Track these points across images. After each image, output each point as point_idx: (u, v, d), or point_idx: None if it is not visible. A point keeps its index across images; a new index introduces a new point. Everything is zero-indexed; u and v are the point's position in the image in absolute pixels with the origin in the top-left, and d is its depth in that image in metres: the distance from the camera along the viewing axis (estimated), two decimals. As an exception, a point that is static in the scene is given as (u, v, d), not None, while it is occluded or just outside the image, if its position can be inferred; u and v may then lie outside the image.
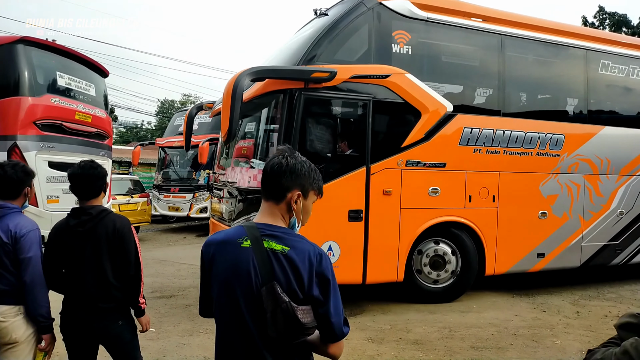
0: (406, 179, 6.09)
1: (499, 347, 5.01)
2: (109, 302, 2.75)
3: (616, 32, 26.27)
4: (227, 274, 1.68)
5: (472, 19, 6.59)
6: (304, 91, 5.47)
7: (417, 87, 6.08)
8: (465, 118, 6.45)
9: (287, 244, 1.66)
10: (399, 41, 6.03)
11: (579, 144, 7.22)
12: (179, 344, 4.90)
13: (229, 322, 1.69)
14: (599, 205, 7.48)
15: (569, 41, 7.26)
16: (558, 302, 6.85)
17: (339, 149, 5.97)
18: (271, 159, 1.77)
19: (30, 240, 2.72)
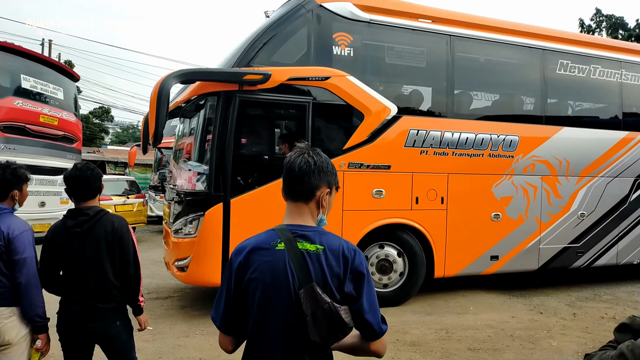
0: (349, 181, 6.05)
1: (496, 348, 5.01)
2: (108, 302, 2.76)
3: (613, 34, 25.90)
4: (264, 279, 1.62)
5: (420, 20, 6.54)
6: (238, 93, 5.46)
7: (359, 89, 6.04)
8: (412, 120, 6.39)
9: (321, 243, 1.64)
10: (340, 43, 5.99)
11: (535, 145, 7.10)
12: (175, 345, 4.90)
13: (266, 327, 1.62)
14: (557, 207, 7.36)
15: (524, 41, 7.15)
16: (555, 303, 6.83)
17: (280, 151, 5.96)
18: (293, 159, 1.71)
19: (23, 241, 2.70)
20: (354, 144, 6.06)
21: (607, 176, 7.67)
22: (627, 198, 7.90)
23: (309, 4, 5.92)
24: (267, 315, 1.62)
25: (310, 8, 5.91)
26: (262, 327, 1.63)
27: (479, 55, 7.01)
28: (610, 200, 7.75)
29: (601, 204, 7.66)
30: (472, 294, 7.10)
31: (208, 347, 4.84)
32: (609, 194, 7.72)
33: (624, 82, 7.88)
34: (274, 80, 5.53)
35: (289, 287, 1.60)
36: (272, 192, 5.64)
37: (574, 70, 7.47)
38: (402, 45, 6.41)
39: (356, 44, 6.11)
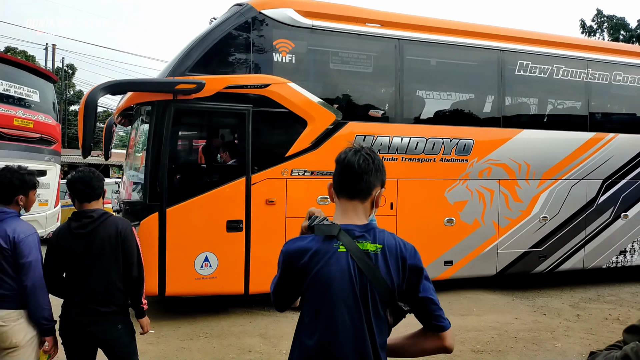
0: (292, 188, 6.02)
1: (500, 350, 4.98)
2: (110, 305, 2.77)
3: (614, 35, 25.25)
4: (328, 281, 1.63)
5: (368, 25, 6.45)
6: (174, 103, 5.47)
7: (301, 95, 5.99)
8: (358, 125, 6.31)
9: (380, 242, 1.66)
10: (281, 50, 5.95)
11: (491, 149, 6.96)
12: (179, 348, 4.92)
13: (335, 328, 1.63)
14: (517, 211, 7.20)
15: (479, 42, 6.99)
16: (558, 304, 6.76)
17: (220, 159, 5.96)
18: (350, 156, 1.72)
19: (29, 244, 2.73)
20: (297, 150, 6.02)
21: (572, 179, 7.48)
22: (595, 201, 7.69)
23: (248, 11, 5.89)
24: (334, 317, 1.63)
25: (249, 15, 5.88)
26: (331, 327, 1.63)
27: (430, 58, 6.89)
28: (575, 204, 7.55)
29: (565, 208, 7.47)
30: (475, 296, 7.04)
31: (212, 350, 4.87)
32: (574, 197, 7.52)
33: (591, 81, 7.66)
34: (209, 89, 5.52)
35: (353, 288, 1.61)
36: (210, 200, 5.66)
37: (534, 70, 7.28)
38: (348, 51, 6.33)
39: (298, 50, 6.06)
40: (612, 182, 7.78)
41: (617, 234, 7.86)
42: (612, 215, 7.81)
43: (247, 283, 5.87)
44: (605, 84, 7.79)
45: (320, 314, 1.65)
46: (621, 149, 7.80)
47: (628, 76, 7.92)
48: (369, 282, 1.62)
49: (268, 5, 5.97)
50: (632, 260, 8.03)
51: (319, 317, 1.66)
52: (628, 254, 7.99)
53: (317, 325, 1.66)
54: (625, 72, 7.90)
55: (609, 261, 7.88)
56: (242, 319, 5.87)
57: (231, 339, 5.20)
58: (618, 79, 7.85)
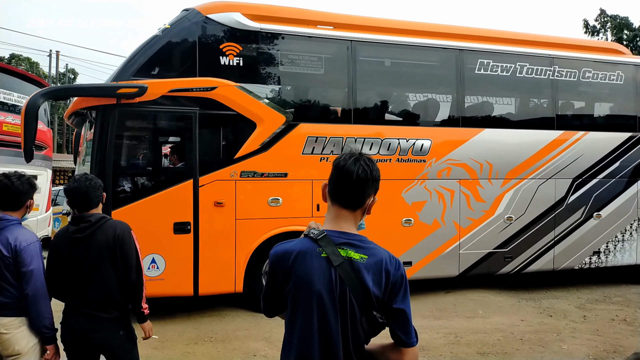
0: (241, 190, 6.02)
1: (506, 352, 4.95)
2: (111, 310, 2.75)
3: (617, 35, 24.71)
4: (308, 280, 1.65)
5: (319, 27, 6.44)
6: (118, 107, 5.53)
7: (249, 98, 6.00)
8: (309, 127, 6.28)
9: (365, 253, 1.66)
10: (229, 53, 5.98)
11: (450, 149, 6.84)
12: (183, 352, 4.90)
13: (310, 329, 1.66)
14: (479, 212, 7.05)
15: (436, 42, 6.90)
16: (564, 306, 6.69)
17: (170, 161, 6.01)
18: (349, 165, 1.67)
19: (30, 252, 2.72)
20: (246, 152, 6.01)
21: (538, 178, 7.30)
22: (564, 200, 7.49)
23: (194, 16, 5.94)
24: (310, 317, 1.65)
25: (195, 20, 5.93)
26: (308, 328, 1.66)
27: (385, 59, 6.83)
28: (543, 203, 7.36)
29: (532, 207, 7.29)
30: (481, 297, 6.97)
31: (217, 354, 4.86)
32: (542, 196, 7.33)
33: (557, 79, 7.49)
34: (152, 93, 5.57)
35: (333, 294, 1.63)
36: (156, 203, 5.69)
37: (496, 69, 7.15)
38: (298, 53, 6.32)
39: (247, 53, 6.07)
40: (583, 181, 7.56)
41: (590, 234, 7.63)
42: (583, 215, 7.59)
43: (197, 284, 5.87)
44: (574, 81, 7.60)
45: (298, 313, 1.68)
46: (592, 148, 7.58)
47: (598, 73, 7.72)
48: (348, 288, 1.63)
49: (215, 9, 6.01)
50: (607, 261, 7.78)
51: (297, 316, 1.68)
52: (602, 254, 7.74)
53: (295, 323, 1.69)
54: (595, 69, 7.69)
55: (582, 262, 7.64)
56: (247, 323, 5.85)
57: (236, 343, 5.17)
58: (587, 76, 7.66)
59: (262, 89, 6.15)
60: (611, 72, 7.79)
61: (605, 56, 7.85)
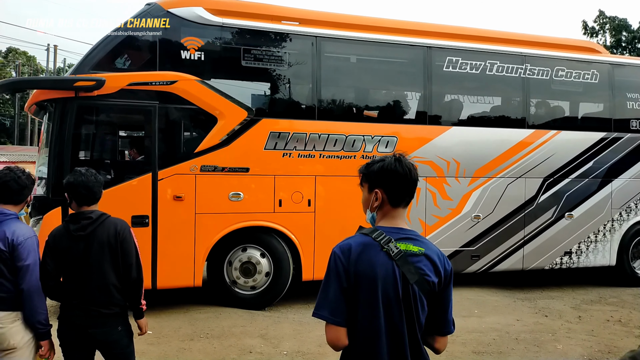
0: (201, 184, 5.97)
1: (501, 352, 4.95)
2: (111, 307, 2.75)
3: (616, 36, 24.39)
4: (373, 276, 1.75)
5: (284, 22, 6.39)
6: (76, 100, 5.51)
7: (210, 92, 5.95)
8: (272, 122, 6.22)
9: (422, 246, 1.82)
10: (190, 47, 5.93)
11: (416, 146, 6.74)
12: (179, 348, 4.85)
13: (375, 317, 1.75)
14: (446, 209, 6.96)
15: (404, 39, 6.82)
16: (560, 306, 6.68)
17: (129, 155, 5.98)
18: (412, 169, 1.85)
19: (27, 247, 2.71)
20: (206, 147, 5.96)
21: (507, 177, 7.19)
22: (535, 199, 7.37)
23: (156, 10, 5.90)
24: (375, 308, 1.74)
25: (156, 14, 5.90)
26: (371, 318, 1.75)
27: (350, 55, 6.76)
28: (512, 202, 7.24)
29: (501, 206, 7.18)
30: (476, 297, 6.94)
31: (212, 351, 4.81)
32: (511, 195, 7.22)
33: (529, 77, 7.38)
34: (111, 86, 5.54)
35: (395, 283, 1.74)
36: (114, 195, 5.65)
37: (465, 67, 7.05)
38: (261, 48, 6.25)
39: (208, 47, 6.02)
40: (555, 181, 7.44)
41: (561, 234, 7.50)
42: (554, 215, 7.47)
43: (155, 278, 5.82)
44: (546, 80, 7.48)
45: (360, 303, 1.76)
46: (564, 147, 7.46)
47: (572, 72, 7.59)
48: (409, 278, 1.74)
49: (177, 4, 5.97)
50: (579, 261, 7.65)
51: (359, 305, 1.76)
52: (574, 255, 7.61)
53: (357, 313, 1.77)
54: (568, 68, 7.57)
55: (553, 262, 7.52)
56: (243, 319, 5.80)
57: (232, 339, 5.12)
58: (560, 75, 7.54)
59: (224, 84, 6.09)
60: (585, 71, 7.66)
61: (579, 55, 7.73)
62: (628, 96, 7.91)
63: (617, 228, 7.82)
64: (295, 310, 6.30)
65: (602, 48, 8.11)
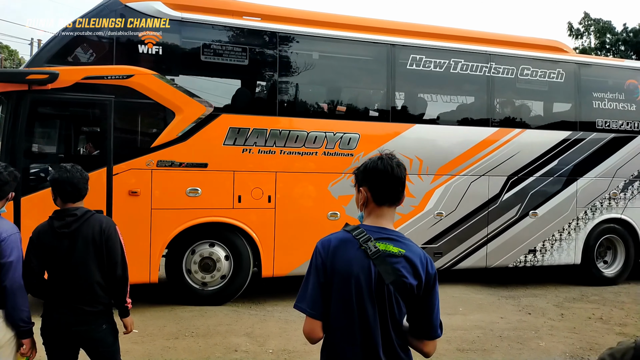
0: (158, 179, 5.92)
1: (485, 349, 4.99)
2: (95, 305, 2.72)
3: (601, 38, 24.61)
4: (348, 268, 1.75)
5: (245, 18, 6.36)
6: (30, 93, 5.44)
7: (167, 87, 5.90)
8: (232, 118, 6.18)
9: (403, 247, 1.79)
10: (147, 42, 5.88)
11: (379, 143, 6.71)
12: (164, 347, 4.82)
13: (349, 310, 1.76)
14: (408, 207, 6.95)
15: (366, 36, 6.79)
16: (543, 304, 6.76)
17: (85, 149, 5.93)
18: (395, 168, 1.82)
19: (10, 244, 2.63)
20: (163, 142, 5.91)
21: (471, 175, 7.20)
22: (498, 198, 7.38)
23: (113, 4, 5.85)
24: (348, 305, 1.75)
25: (114, 8, 5.85)
26: (344, 315, 1.76)
27: (312, 52, 6.73)
28: (475, 200, 7.25)
29: (464, 204, 7.18)
30: (461, 295, 6.99)
31: (198, 349, 4.77)
32: (474, 193, 7.22)
33: (494, 75, 7.38)
34: (65, 80, 5.47)
35: (370, 281, 1.73)
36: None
37: (429, 65, 7.05)
38: (222, 43, 6.21)
39: (167, 42, 5.98)
40: (519, 179, 7.46)
41: (525, 232, 7.52)
42: (518, 213, 7.48)
43: (110, 273, 5.78)
44: (511, 78, 7.49)
45: (335, 294, 1.77)
46: (529, 145, 7.48)
47: (537, 70, 7.61)
48: (385, 278, 1.73)
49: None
50: (544, 259, 7.67)
51: (334, 298, 1.77)
52: (538, 253, 7.63)
53: (332, 306, 1.78)
54: (534, 67, 7.58)
55: (517, 260, 7.54)
56: (229, 318, 5.77)
57: (217, 338, 5.09)
58: (526, 74, 7.55)
59: (182, 79, 6.05)
60: (551, 70, 7.68)
61: (545, 54, 7.75)
62: (594, 96, 7.94)
63: (583, 227, 7.85)
64: (281, 307, 6.26)
65: (569, 47, 8.13)
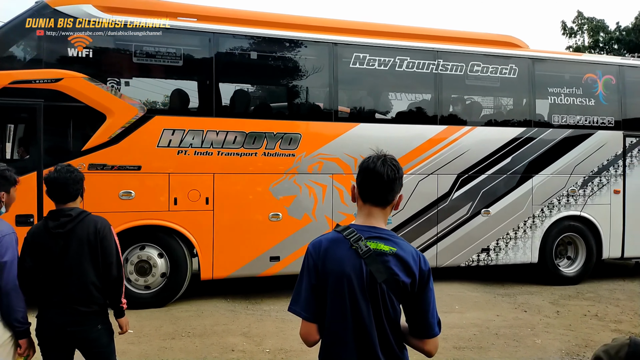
0: (89, 182, 5.70)
1: (481, 347, 5.01)
2: (90, 305, 2.71)
3: (594, 37, 24.32)
4: (340, 268, 1.74)
5: (180, 19, 6.30)
6: (-45, 98, 5.44)
7: (98, 89, 5.85)
8: (166, 119, 6.12)
9: (394, 245, 1.77)
10: (77, 45, 5.84)
11: (322, 143, 6.63)
12: (160, 347, 4.81)
13: (342, 311, 1.75)
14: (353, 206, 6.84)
15: (307, 36, 6.71)
16: (538, 301, 6.76)
17: (18, 154, 5.89)
18: (378, 165, 1.79)
19: (5, 244, 2.61)
20: (94, 145, 5.85)
21: (419, 173, 7.07)
22: (448, 196, 7.25)
23: (43, 8, 5.80)
24: (342, 305, 1.74)
25: (43, 12, 5.80)
26: (338, 315, 1.75)
27: (251, 52, 6.65)
28: (424, 199, 7.12)
29: (412, 203, 7.04)
30: (457, 293, 6.98)
31: (194, 349, 4.77)
32: (423, 192, 7.10)
33: (442, 73, 7.26)
34: (-10, 84, 5.47)
35: (362, 280, 1.72)
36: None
37: (373, 63, 6.96)
38: (155, 45, 6.14)
39: (97, 45, 5.94)
40: (470, 177, 7.32)
41: (477, 231, 7.38)
42: (470, 212, 7.34)
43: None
44: (460, 75, 7.36)
45: (329, 295, 1.76)
46: (480, 143, 7.35)
47: (488, 67, 7.48)
48: (377, 277, 1.71)
49: (64, 1, 5.87)
50: (499, 258, 7.51)
51: (328, 299, 1.76)
52: (492, 252, 7.48)
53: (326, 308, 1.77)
54: (485, 63, 7.45)
55: (469, 259, 7.39)
56: (225, 317, 5.75)
57: (214, 338, 5.08)
58: (476, 70, 7.42)
59: (113, 81, 6.00)
60: (503, 66, 7.55)
61: (496, 49, 7.62)
62: (550, 91, 7.79)
63: (539, 225, 7.69)
64: (278, 307, 6.21)
65: (523, 42, 7.98)
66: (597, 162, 7.93)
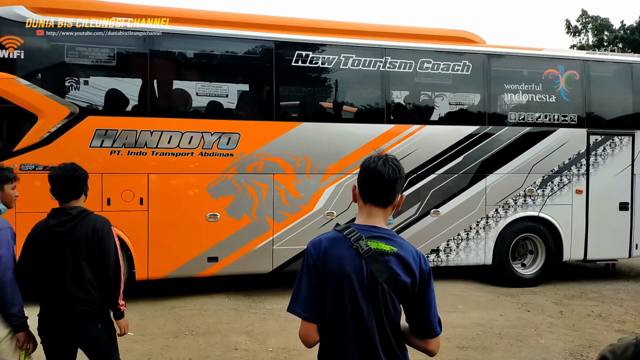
0: (22, 183, 5.85)
1: (484, 346, 5.00)
2: (88, 304, 2.71)
3: (598, 35, 23.80)
4: (340, 267, 1.74)
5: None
6: None
7: (29, 90, 5.83)
8: (99, 119, 6.09)
9: (395, 245, 1.77)
10: (9, 46, 5.82)
11: (261, 143, 6.53)
12: (164, 346, 4.84)
13: (342, 311, 1.75)
14: (296, 207, 6.73)
15: (246, 33, 6.59)
16: (542, 301, 6.72)
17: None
18: (379, 166, 1.78)
19: (0, 238, 2.66)
20: (25, 145, 5.85)
21: (365, 173, 6.93)
22: (397, 196, 7.09)
23: (-28, 11, 5.85)
24: (343, 305, 1.73)
25: (-28, 14, 5.84)
26: (338, 315, 1.75)
27: (187, 51, 6.59)
28: (370, 199, 6.99)
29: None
30: (461, 293, 6.95)
31: (197, 348, 4.81)
32: (369, 192, 6.96)
33: (389, 70, 7.09)
34: None
35: (362, 279, 1.71)
36: None
37: (316, 61, 6.82)
38: (87, 45, 6.10)
39: (29, 45, 5.92)
40: (419, 177, 7.15)
41: (427, 231, 7.20)
42: (418, 212, 7.18)
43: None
44: (409, 73, 7.19)
45: (328, 294, 1.75)
46: (430, 142, 7.17)
47: (439, 63, 7.28)
48: (378, 277, 1.70)
49: (-5, 3, 5.91)
50: (449, 260, 7.33)
51: (328, 298, 1.76)
52: (442, 253, 7.31)
53: (326, 306, 1.77)
54: (435, 59, 7.26)
55: (419, 261, 7.23)
56: (228, 316, 5.78)
57: (217, 336, 5.09)
58: (426, 67, 7.23)
59: (45, 82, 5.99)
60: (456, 62, 7.34)
61: (448, 45, 7.42)
62: (506, 87, 7.58)
63: (493, 225, 7.48)
64: (281, 305, 6.15)
65: (479, 38, 7.75)
66: (558, 161, 7.68)
